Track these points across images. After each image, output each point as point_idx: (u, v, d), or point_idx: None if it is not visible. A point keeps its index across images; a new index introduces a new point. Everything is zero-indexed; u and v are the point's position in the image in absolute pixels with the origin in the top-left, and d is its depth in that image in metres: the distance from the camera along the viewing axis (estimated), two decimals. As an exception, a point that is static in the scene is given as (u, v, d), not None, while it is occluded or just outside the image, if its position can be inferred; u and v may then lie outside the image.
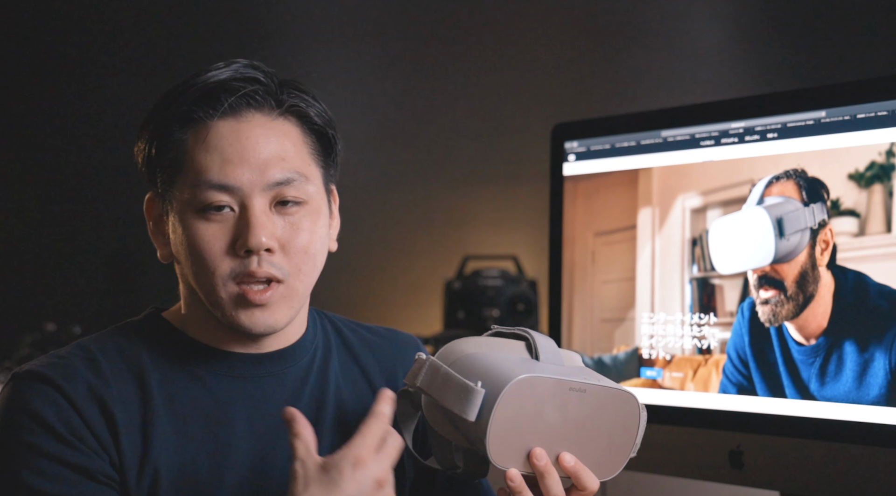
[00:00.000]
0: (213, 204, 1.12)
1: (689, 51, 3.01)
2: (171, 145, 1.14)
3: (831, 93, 1.40)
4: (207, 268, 1.12)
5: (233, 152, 1.12)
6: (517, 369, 1.06)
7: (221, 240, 1.12)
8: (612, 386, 1.11)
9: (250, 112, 1.14)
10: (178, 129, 1.14)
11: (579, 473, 1.09)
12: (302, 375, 1.22)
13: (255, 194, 1.12)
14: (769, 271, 1.43)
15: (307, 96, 1.18)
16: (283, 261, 1.14)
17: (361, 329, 1.33)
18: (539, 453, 1.07)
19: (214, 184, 1.12)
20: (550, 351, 1.13)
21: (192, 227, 1.13)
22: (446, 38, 3.13)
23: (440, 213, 3.16)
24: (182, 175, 1.14)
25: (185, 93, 1.14)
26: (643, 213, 1.58)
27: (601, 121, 1.65)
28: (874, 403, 1.32)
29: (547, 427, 1.08)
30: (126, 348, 1.17)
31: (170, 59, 3.09)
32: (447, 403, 1.07)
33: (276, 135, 1.15)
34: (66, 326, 2.67)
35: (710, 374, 1.49)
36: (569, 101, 3.04)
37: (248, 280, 1.12)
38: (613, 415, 1.11)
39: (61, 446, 1.09)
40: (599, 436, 1.11)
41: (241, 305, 1.13)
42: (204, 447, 1.14)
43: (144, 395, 1.14)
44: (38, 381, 1.11)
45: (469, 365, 1.09)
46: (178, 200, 1.14)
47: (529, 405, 1.06)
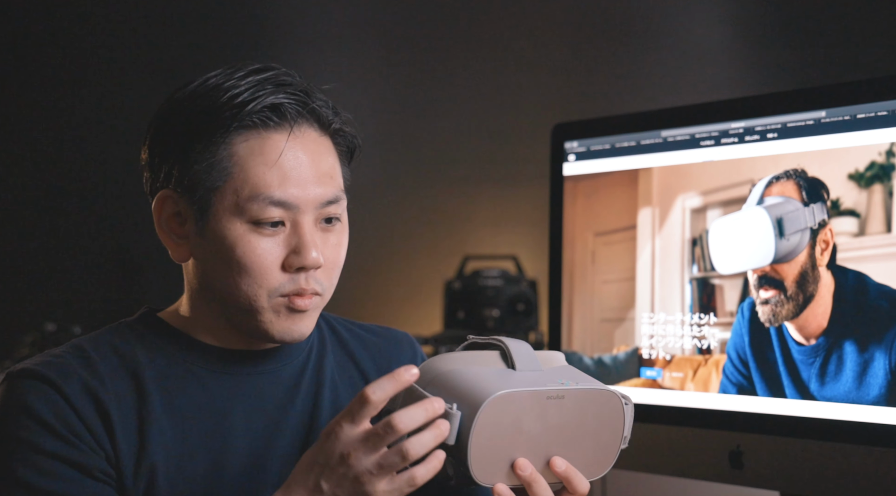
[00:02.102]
0: (270, 219, 1.12)
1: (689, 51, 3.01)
2: (217, 151, 1.12)
3: (831, 93, 1.40)
4: (255, 280, 1.12)
5: (291, 169, 1.12)
6: (490, 386, 1.05)
7: (274, 254, 1.12)
8: (591, 386, 1.10)
9: (304, 126, 1.14)
10: (229, 136, 1.12)
11: (570, 477, 1.09)
12: (298, 373, 1.22)
13: (308, 212, 1.13)
14: (769, 271, 1.43)
15: (337, 108, 1.19)
16: (324, 277, 1.15)
17: (356, 327, 1.33)
18: (523, 464, 1.07)
19: (276, 200, 1.11)
20: (526, 357, 1.12)
21: (242, 239, 1.12)
22: (446, 38, 3.14)
23: (440, 213, 3.16)
24: (231, 183, 1.12)
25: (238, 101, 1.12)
26: (643, 213, 1.58)
27: (601, 121, 1.65)
28: (874, 403, 1.32)
29: (529, 437, 1.07)
30: (121, 346, 1.17)
31: (172, 59, 3.09)
32: None
33: (326, 152, 1.16)
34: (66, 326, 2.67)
35: (710, 374, 1.49)
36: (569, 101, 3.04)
37: (296, 294, 1.14)
38: (597, 415, 1.10)
39: (58, 443, 1.09)
40: (585, 438, 1.10)
41: (284, 313, 1.14)
42: (200, 444, 1.14)
43: (140, 393, 1.14)
44: (34, 379, 1.11)
45: (444, 385, 1.08)
46: (219, 207, 1.13)
47: (508, 420, 1.05)
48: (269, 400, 1.19)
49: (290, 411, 1.20)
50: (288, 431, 1.19)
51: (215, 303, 1.17)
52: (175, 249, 1.18)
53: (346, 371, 1.27)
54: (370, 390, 1.01)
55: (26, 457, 1.08)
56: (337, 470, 1.01)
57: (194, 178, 1.13)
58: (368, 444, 1.01)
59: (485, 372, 1.09)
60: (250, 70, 1.15)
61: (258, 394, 1.19)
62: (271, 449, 1.17)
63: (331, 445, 1.02)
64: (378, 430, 1.01)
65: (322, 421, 1.21)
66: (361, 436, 1.01)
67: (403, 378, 1.02)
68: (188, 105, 1.15)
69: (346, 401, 1.24)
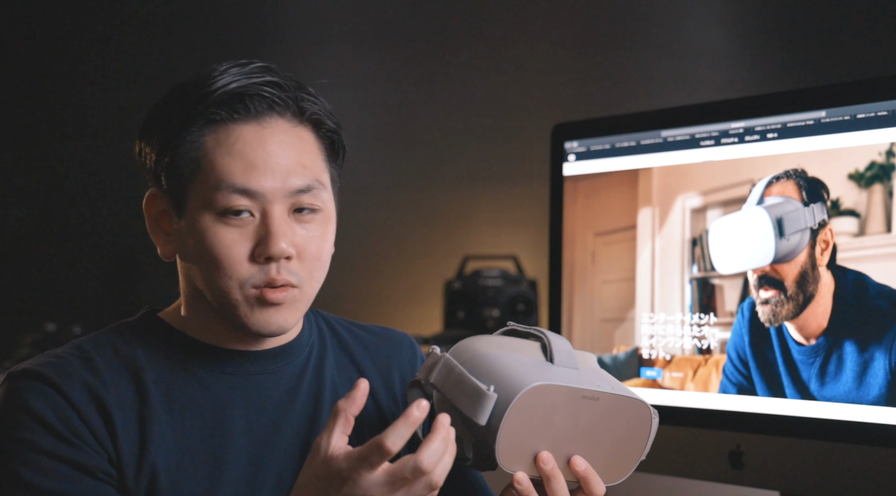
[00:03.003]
0: (233, 208, 1.12)
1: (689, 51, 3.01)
2: (188, 145, 1.13)
3: (831, 93, 1.40)
4: (225, 272, 1.12)
5: (256, 158, 1.12)
6: (530, 375, 1.06)
7: (241, 245, 1.12)
8: (626, 394, 1.11)
9: (273, 117, 1.14)
10: (198, 129, 1.13)
11: (589, 478, 1.10)
12: (298, 373, 1.22)
13: (277, 201, 1.13)
14: (769, 271, 1.43)
15: (318, 100, 1.19)
16: (299, 268, 1.14)
17: (356, 327, 1.33)
18: (546, 457, 1.08)
19: (238, 188, 1.11)
20: (565, 353, 1.12)
21: (210, 230, 1.12)
22: (446, 38, 3.13)
23: (440, 213, 3.16)
24: (200, 176, 1.13)
25: (206, 93, 1.13)
26: (643, 213, 1.58)
27: (601, 121, 1.65)
28: (874, 403, 1.32)
29: (556, 432, 1.08)
30: (121, 347, 1.17)
31: (172, 59, 3.09)
32: (459, 404, 1.08)
33: (298, 142, 1.15)
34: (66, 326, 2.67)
35: (710, 374, 1.49)
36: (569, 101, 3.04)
37: (267, 285, 1.13)
38: (625, 422, 1.11)
39: (59, 443, 1.09)
40: (609, 442, 1.11)
41: (257, 306, 1.13)
42: (201, 444, 1.14)
43: (141, 393, 1.14)
44: (35, 380, 1.11)
45: (482, 365, 1.09)
46: (193, 201, 1.14)
47: (540, 412, 1.06)
48: (270, 400, 1.19)
49: (290, 411, 1.20)
50: (288, 431, 1.19)
51: (205, 301, 1.17)
52: (162, 247, 1.19)
53: (346, 372, 1.27)
54: (389, 441, 1.00)
55: (27, 457, 1.08)
56: None
57: (171, 175, 1.15)
58: (395, 487, 1.01)
59: (524, 360, 1.10)
60: (232, 64, 1.16)
61: (259, 395, 1.19)
62: (272, 449, 1.17)
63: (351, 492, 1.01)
64: (406, 475, 1.00)
65: (322, 421, 1.21)
66: (384, 480, 1.01)
67: (415, 416, 1.02)
68: (165, 102, 1.16)
69: None
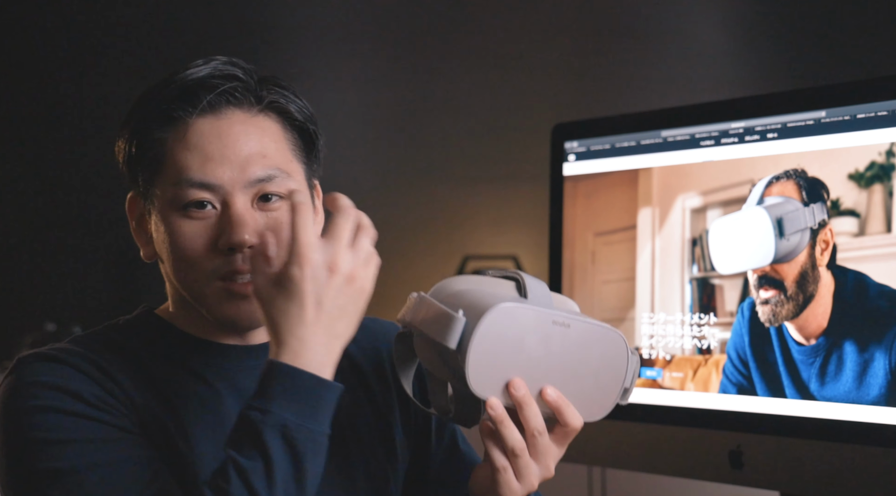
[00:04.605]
0: (193, 201, 1.12)
1: (689, 51, 3.01)
2: (150, 144, 1.14)
3: (831, 93, 1.40)
4: (190, 265, 1.12)
5: (213, 150, 1.12)
6: (499, 300, 1.07)
7: (204, 237, 1.12)
8: (599, 324, 1.10)
9: (230, 109, 1.14)
10: (158, 127, 1.14)
11: (561, 407, 1.09)
12: None
13: (237, 192, 1.13)
14: (769, 271, 1.43)
15: (287, 92, 1.18)
16: None
17: None
18: (517, 383, 1.07)
19: (195, 182, 1.12)
20: (540, 292, 1.12)
21: (173, 225, 1.13)
22: (446, 38, 3.13)
23: (440, 213, 3.16)
24: (162, 173, 1.14)
25: (164, 91, 1.14)
26: (643, 213, 1.58)
27: (601, 121, 1.65)
28: (874, 403, 1.32)
29: (529, 359, 1.07)
30: (120, 343, 1.17)
31: (171, 58, 3.09)
32: (430, 333, 1.08)
33: (257, 131, 1.15)
34: (66, 326, 2.67)
35: (710, 374, 1.49)
36: (569, 101, 3.04)
37: (232, 276, 1.13)
38: (600, 355, 1.11)
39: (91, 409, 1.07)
40: (585, 375, 1.10)
41: (226, 299, 1.13)
42: (200, 438, 1.15)
43: (140, 388, 1.14)
44: (46, 360, 1.10)
45: (456, 298, 1.10)
46: (159, 199, 1.14)
47: (511, 334, 1.06)
48: None
49: None
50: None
51: (184, 297, 1.17)
52: (143, 248, 1.20)
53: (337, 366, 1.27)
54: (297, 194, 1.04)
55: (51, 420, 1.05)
56: (330, 283, 1.02)
57: (143, 178, 1.16)
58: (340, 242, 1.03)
59: (497, 292, 1.10)
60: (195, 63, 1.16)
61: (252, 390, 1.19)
62: None
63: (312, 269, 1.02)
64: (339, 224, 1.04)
65: None
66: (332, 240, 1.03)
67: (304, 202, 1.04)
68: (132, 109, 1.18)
69: None
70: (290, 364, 1.01)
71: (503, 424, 1.07)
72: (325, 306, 1.02)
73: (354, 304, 1.04)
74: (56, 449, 1.05)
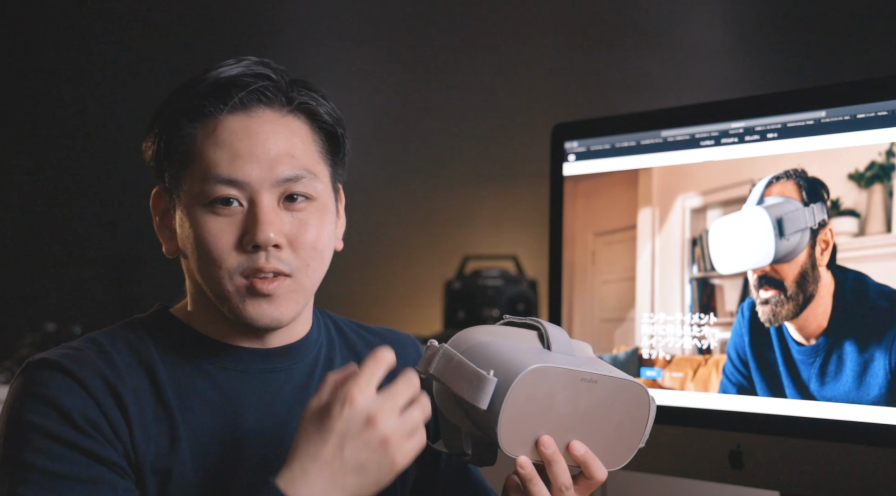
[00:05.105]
0: (220, 197, 1.12)
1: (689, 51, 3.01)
2: (180, 140, 1.14)
3: (831, 93, 1.40)
4: (214, 261, 1.13)
5: (242, 147, 1.13)
6: (529, 359, 1.07)
7: (229, 234, 1.13)
8: (623, 377, 1.12)
9: (260, 108, 1.15)
10: (188, 123, 1.14)
11: (588, 462, 1.10)
12: (308, 371, 1.23)
13: (264, 190, 1.13)
14: (769, 271, 1.43)
15: (317, 95, 1.19)
16: (291, 257, 1.14)
17: (362, 329, 1.34)
18: (547, 441, 1.08)
19: (223, 178, 1.12)
20: (562, 341, 1.13)
21: (199, 221, 1.13)
22: (446, 38, 3.13)
23: (440, 213, 3.16)
24: (191, 169, 1.14)
25: (196, 87, 1.15)
26: (643, 213, 1.58)
27: (601, 121, 1.65)
28: (874, 403, 1.32)
29: (557, 416, 1.08)
30: (135, 342, 1.17)
31: (171, 58, 3.09)
32: (459, 391, 1.08)
33: (286, 131, 1.15)
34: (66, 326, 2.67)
35: (710, 374, 1.49)
36: (569, 101, 3.04)
37: (255, 274, 1.13)
38: (623, 407, 1.12)
39: (73, 431, 1.08)
40: (609, 427, 1.12)
41: (248, 296, 1.13)
42: (213, 441, 1.15)
43: (155, 389, 1.14)
44: (53, 369, 1.11)
45: (481, 353, 1.10)
46: (186, 194, 1.14)
47: (541, 394, 1.07)
48: (280, 398, 1.20)
49: (299, 410, 1.20)
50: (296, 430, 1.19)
51: (208, 297, 1.17)
52: (166, 244, 1.20)
53: None
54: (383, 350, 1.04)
55: (40, 443, 1.07)
56: (362, 434, 1.01)
57: (170, 172, 1.16)
58: (393, 403, 1.02)
59: (523, 347, 1.11)
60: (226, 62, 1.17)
61: (269, 392, 1.19)
62: (280, 447, 1.17)
63: (351, 412, 1.01)
64: (400, 388, 1.02)
65: None
66: (384, 397, 1.02)
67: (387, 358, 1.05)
68: (163, 105, 1.18)
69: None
70: (282, 490, 1.00)
71: (532, 482, 1.08)
72: (345, 454, 1.01)
73: (377, 469, 1.02)
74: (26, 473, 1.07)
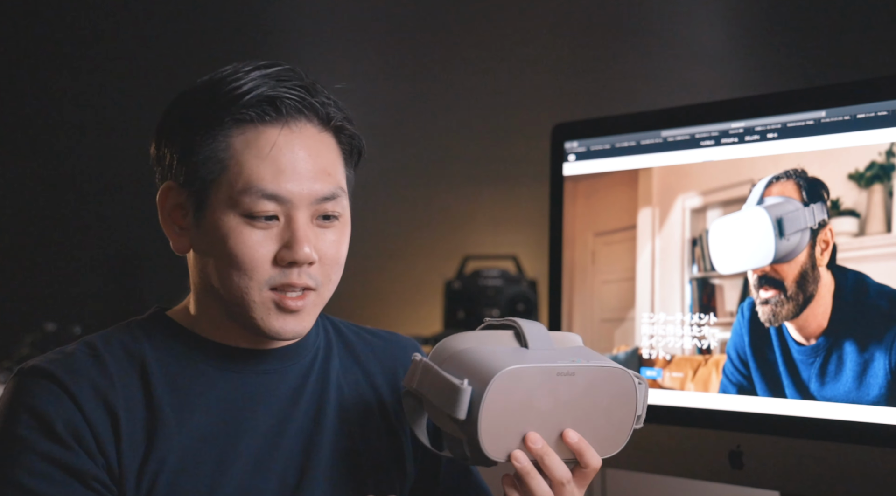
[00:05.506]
0: (262, 213, 1.12)
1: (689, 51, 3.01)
2: (215, 145, 1.13)
3: (831, 93, 1.40)
4: (246, 272, 1.13)
5: (286, 162, 1.12)
6: (502, 361, 1.07)
7: (266, 248, 1.12)
8: (602, 364, 1.11)
9: (302, 121, 1.15)
10: (226, 129, 1.13)
11: (583, 450, 1.10)
12: (304, 373, 1.22)
13: (303, 207, 1.13)
14: (769, 271, 1.43)
15: (341, 105, 1.19)
16: (318, 272, 1.15)
17: (362, 331, 1.34)
18: (534, 437, 1.08)
19: (268, 193, 1.12)
20: (539, 336, 1.13)
21: (235, 230, 1.12)
22: (446, 38, 3.13)
23: (440, 213, 3.16)
24: (227, 176, 1.13)
25: (237, 94, 1.13)
26: (643, 213, 1.58)
27: (601, 121, 1.65)
28: (874, 403, 1.32)
29: (541, 413, 1.08)
30: (130, 345, 1.17)
31: (171, 58, 3.09)
32: (438, 403, 1.08)
33: (324, 148, 1.16)
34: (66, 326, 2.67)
35: (710, 374, 1.49)
36: (569, 101, 3.04)
37: (285, 289, 1.13)
38: (609, 393, 1.11)
39: (55, 446, 1.09)
40: (597, 415, 1.11)
41: (274, 310, 1.14)
42: (208, 443, 1.15)
43: (148, 393, 1.14)
44: (44, 378, 1.11)
45: (458, 362, 1.10)
46: (217, 199, 1.13)
47: (518, 396, 1.07)
48: (276, 399, 1.19)
49: (294, 411, 1.20)
50: (292, 431, 1.19)
51: (216, 298, 1.17)
52: (176, 241, 1.18)
53: (350, 373, 1.28)
54: None
55: (22, 456, 1.08)
56: None
57: (193, 170, 1.14)
58: None
59: (497, 350, 1.11)
60: (257, 65, 1.15)
61: (265, 394, 1.19)
62: (275, 448, 1.17)
63: None
64: None
65: (326, 421, 1.21)
66: None
67: None
68: (191, 99, 1.16)
69: (351, 403, 1.25)
70: None
71: (530, 476, 1.08)
72: None
73: None
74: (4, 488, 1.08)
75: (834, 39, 2.84)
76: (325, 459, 1.19)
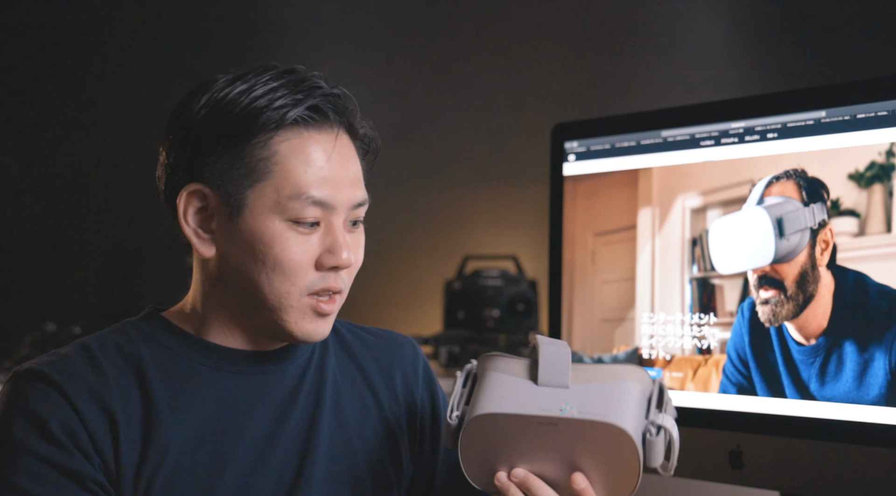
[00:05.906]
0: (308, 219, 1.14)
1: (689, 51, 3.01)
2: (258, 149, 1.13)
3: (831, 93, 1.40)
4: (289, 276, 1.14)
5: (330, 170, 1.15)
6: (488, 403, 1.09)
7: (310, 252, 1.15)
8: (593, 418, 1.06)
9: (341, 130, 1.18)
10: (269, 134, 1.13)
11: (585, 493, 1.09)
12: (300, 372, 1.23)
13: (342, 213, 1.17)
14: (769, 271, 1.43)
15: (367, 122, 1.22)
16: (347, 276, 1.19)
17: (359, 330, 1.34)
18: (517, 472, 1.09)
19: (315, 199, 1.14)
20: (554, 371, 1.10)
21: (281, 235, 1.14)
22: (446, 38, 3.13)
23: (440, 213, 3.16)
24: (271, 181, 1.13)
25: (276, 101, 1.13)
26: (643, 213, 1.58)
27: (601, 121, 1.65)
28: (874, 403, 1.32)
29: (524, 453, 1.09)
30: (126, 346, 1.17)
31: (171, 58, 3.09)
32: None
33: (354, 156, 1.20)
34: (66, 326, 2.67)
35: (710, 374, 1.49)
36: (569, 101, 3.04)
37: (322, 293, 1.16)
38: (601, 445, 1.07)
39: (52, 447, 1.09)
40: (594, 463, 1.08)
41: (309, 315, 1.16)
42: (205, 442, 1.15)
43: (145, 394, 1.14)
44: (39, 380, 1.11)
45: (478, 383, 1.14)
46: (256, 203, 1.14)
47: (498, 436, 1.09)
48: (273, 399, 1.20)
49: (292, 410, 1.20)
50: (289, 431, 1.19)
51: (233, 300, 1.17)
52: (200, 244, 1.17)
53: (347, 372, 1.28)
54: None
55: (18, 459, 1.08)
56: None
57: (230, 175, 1.14)
58: None
59: (504, 383, 1.11)
60: (281, 71, 1.16)
61: (262, 394, 1.19)
62: (272, 448, 1.18)
63: None
64: None
65: (323, 420, 1.21)
66: None
67: None
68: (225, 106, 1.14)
69: (347, 401, 1.25)
70: None
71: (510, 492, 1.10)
72: None
73: None
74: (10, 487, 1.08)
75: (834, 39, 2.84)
76: (323, 458, 1.19)
